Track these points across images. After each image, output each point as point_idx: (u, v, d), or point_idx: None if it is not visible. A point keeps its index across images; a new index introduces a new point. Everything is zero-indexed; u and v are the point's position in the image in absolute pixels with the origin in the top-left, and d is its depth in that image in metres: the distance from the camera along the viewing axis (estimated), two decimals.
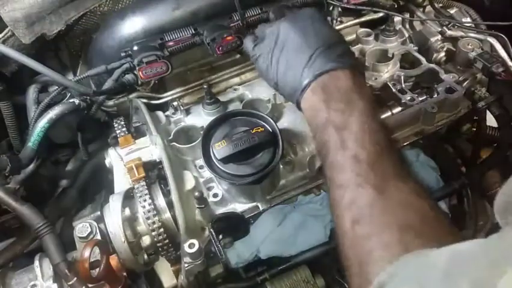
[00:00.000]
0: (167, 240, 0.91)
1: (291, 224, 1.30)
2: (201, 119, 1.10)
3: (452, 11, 1.33)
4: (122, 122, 1.06)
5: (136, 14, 1.06)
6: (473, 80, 1.20)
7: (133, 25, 1.06)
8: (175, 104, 1.12)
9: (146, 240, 0.93)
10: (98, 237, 0.90)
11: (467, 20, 1.30)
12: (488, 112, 1.26)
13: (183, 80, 1.18)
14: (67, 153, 1.24)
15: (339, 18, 1.27)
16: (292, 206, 1.34)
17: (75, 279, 0.86)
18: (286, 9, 1.07)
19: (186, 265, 0.87)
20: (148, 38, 1.05)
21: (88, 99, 1.07)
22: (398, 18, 1.28)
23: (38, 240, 0.94)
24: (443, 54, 1.26)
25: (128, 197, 0.94)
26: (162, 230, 0.90)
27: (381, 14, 1.27)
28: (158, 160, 0.98)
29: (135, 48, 1.03)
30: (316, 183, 1.03)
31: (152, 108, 1.11)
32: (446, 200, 1.43)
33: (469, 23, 1.28)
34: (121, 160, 1.00)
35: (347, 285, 1.24)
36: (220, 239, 0.94)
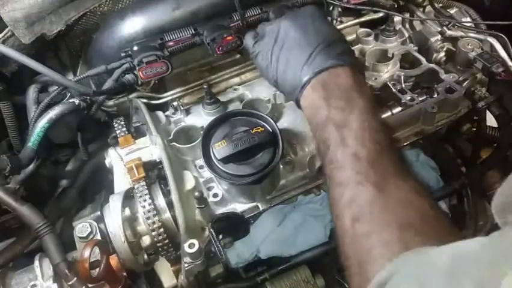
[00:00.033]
0: (167, 240, 0.91)
1: (291, 224, 1.30)
2: (201, 119, 1.09)
3: (452, 11, 1.33)
4: (122, 122, 1.06)
5: (136, 14, 1.06)
6: (473, 80, 1.20)
7: (133, 25, 1.06)
8: (175, 104, 1.12)
9: (146, 240, 0.93)
10: (98, 237, 0.90)
11: (467, 20, 1.30)
12: (488, 112, 1.26)
13: (183, 80, 1.18)
14: (67, 153, 1.24)
15: (339, 18, 1.27)
16: (292, 206, 1.34)
17: (75, 279, 0.86)
18: (286, 9, 1.07)
19: (186, 265, 0.87)
20: (148, 38, 1.05)
21: (88, 99, 1.07)
22: (398, 18, 1.28)
23: (38, 240, 0.94)
24: (443, 54, 1.26)
25: (128, 197, 0.94)
26: (162, 230, 0.90)
27: (381, 14, 1.27)
28: (158, 160, 0.98)
29: (135, 48, 1.03)
30: (316, 183, 1.03)
31: (152, 108, 1.11)
32: (446, 200, 1.43)
33: (469, 23, 1.28)
34: (121, 160, 1.00)
35: (347, 285, 1.24)
36: (220, 239, 0.94)
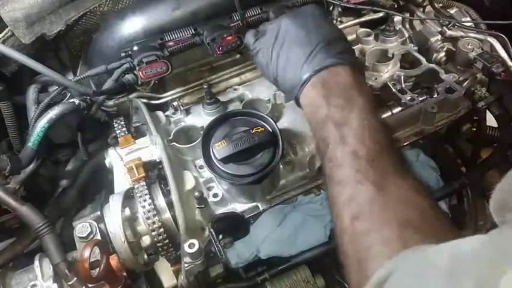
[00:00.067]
0: (167, 240, 0.91)
1: (291, 224, 1.30)
2: (201, 119, 1.09)
3: (452, 11, 1.33)
4: (122, 122, 1.06)
5: (136, 14, 1.06)
6: (473, 80, 1.20)
7: (133, 25, 1.06)
8: (175, 104, 1.12)
9: (146, 240, 0.93)
10: (98, 237, 0.90)
11: (467, 20, 1.30)
12: (488, 112, 1.26)
13: (183, 80, 1.18)
14: (67, 153, 1.24)
15: (339, 18, 1.27)
16: (292, 206, 1.34)
17: (75, 279, 0.86)
18: (286, 9, 1.07)
19: (186, 265, 0.87)
20: (148, 38, 1.05)
21: (88, 99, 1.07)
22: (398, 18, 1.28)
23: (38, 240, 0.94)
24: (443, 54, 1.26)
25: (128, 197, 0.94)
26: (162, 230, 0.90)
27: (381, 14, 1.27)
28: (158, 160, 0.98)
29: (135, 48, 1.03)
30: (316, 183, 1.03)
31: (152, 108, 1.11)
32: (446, 200, 1.43)
33: (469, 22, 1.28)
34: (121, 160, 1.00)
35: (346, 285, 1.24)
36: (220, 239, 0.94)
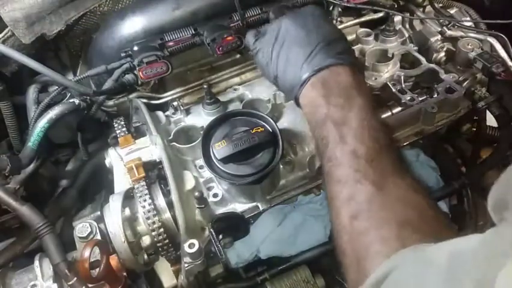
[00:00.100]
0: (167, 240, 0.91)
1: (291, 224, 1.30)
2: (201, 119, 1.09)
3: (452, 11, 1.33)
4: (122, 122, 1.06)
5: (136, 14, 1.06)
6: (473, 80, 1.20)
7: (133, 25, 1.06)
8: (175, 104, 1.12)
9: (146, 240, 0.93)
10: (98, 237, 0.90)
11: (467, 19, 1.30)
12: (488, 112, 1.26)
13: (183, 80, 1.18)
14: (67, 153, 1.24)
15: (339, 18, 1.28)
16: (292, 206, 1.34)
17: (75, 279, 0.86)
18: (286, 9, 1.07)
19: (186, 265, 0.87)
20: (148, 38, 1.05)
21: (88, 99, 1.07)
22: (398, 18, 1.28)
23: (38, 240, 0.94)
24: (443, 54, 1.26)
25: (128, 197, 0.94)
26: (162, 230, 0.90)
27: (381, 14, 1.27)
28: (158, 160, 0.98)
29: (135, 48, 1.03)
30: (316, 183, 1.03)
31: (152, 108, 1.11)
32: (446, 200, 1.43)
33: (468, 22, 1.28)
34: (121, 160, 1.00)
35: (346, 286, 1.23)
36: (220, 239, 0.94)
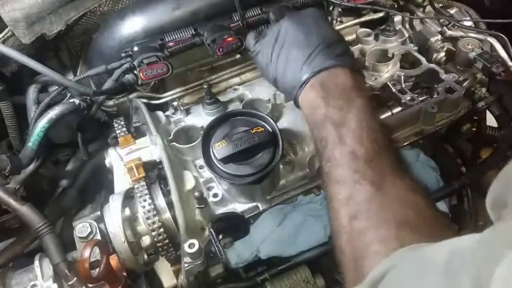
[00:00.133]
0: (167, 240, 0.91)
1: (291, 224, 1.30)
2: (201, 119, 1.09)
3: (452, 11, 1.33)
4: (122, 122, 1.06)
5: (136, 14, 1.06)
6: (473, 80, 1.20)
7: (133, 25, 1.06)
8: (175, 104, 1.12)
9: (146, 240, 0.93)
10: (98, 237, 0.90)
11: (467, 19, 1.30)
12: (488, 112, 1.26)
13: (183, 80, 1.18)
14: (67, 153, 1.24)
15: (339, 18, 1.27)
16: (292, 206, 1.34)
17: (75, 279, 0.86)
18: (286, 10, 1.07)
19: (186, 265, 0.87)
20: (148, 39, 1.05)
21: (88, 99, 1.07)
22: (398, 18, 1.28)
23: (38, 240, 0.94)
24: (443, 54, 1.26)
25: (128, 197, 0.94)
26: (162, 230, 0.90)
27: (381, 14, 1.27)
28: (158, 160, 0.98)
29: (135, 48, 1.03)
30: (316, 183, 1.03)
31: (152, 108, 1.11)
32: (446, 200, 1.43)
33: (469, 22, 1.27)
34: (121, 160, 1.00)
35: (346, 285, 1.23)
36: (220, 239, 0.94)
